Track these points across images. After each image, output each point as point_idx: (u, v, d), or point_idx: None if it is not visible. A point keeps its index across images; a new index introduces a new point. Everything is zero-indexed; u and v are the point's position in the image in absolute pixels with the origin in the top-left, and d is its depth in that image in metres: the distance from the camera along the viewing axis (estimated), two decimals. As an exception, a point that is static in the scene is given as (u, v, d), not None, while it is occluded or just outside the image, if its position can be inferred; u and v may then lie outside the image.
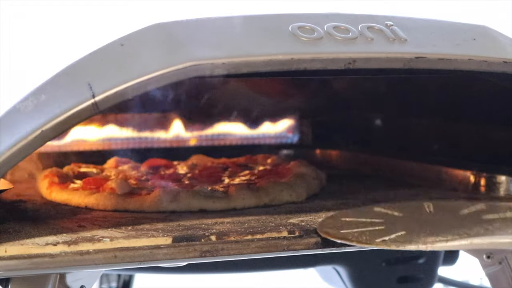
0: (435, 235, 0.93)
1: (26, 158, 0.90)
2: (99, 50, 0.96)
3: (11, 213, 1.11)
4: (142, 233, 0.98)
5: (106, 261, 0.90)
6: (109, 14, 1.66)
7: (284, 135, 1.71)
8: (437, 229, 0.96)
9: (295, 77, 1.47)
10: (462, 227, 0.95)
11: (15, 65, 1.60)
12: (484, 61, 1.03)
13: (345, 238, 0.94)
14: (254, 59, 0.94)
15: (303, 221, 1.05)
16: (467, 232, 0.93)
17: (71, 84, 0.92)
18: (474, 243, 0.91)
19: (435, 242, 0.91)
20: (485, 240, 0.92)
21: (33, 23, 1.65)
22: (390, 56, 0.99)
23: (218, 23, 0.98)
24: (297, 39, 0.97)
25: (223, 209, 1.15)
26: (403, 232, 0.95)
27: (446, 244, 0.91)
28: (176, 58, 0.92)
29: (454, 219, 1.00)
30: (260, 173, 1.33)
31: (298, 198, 1.21)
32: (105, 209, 1.15)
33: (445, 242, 0.91)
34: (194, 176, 1.31)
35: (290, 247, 0.96)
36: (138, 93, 0.90)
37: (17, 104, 0.93)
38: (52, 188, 1.22)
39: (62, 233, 0.97)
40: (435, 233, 0.94)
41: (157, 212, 1.13)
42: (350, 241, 0.94)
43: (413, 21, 1.06)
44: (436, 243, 0.91)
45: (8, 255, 0.88)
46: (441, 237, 0.92)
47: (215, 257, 0.93)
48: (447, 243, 0.91)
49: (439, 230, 0.95)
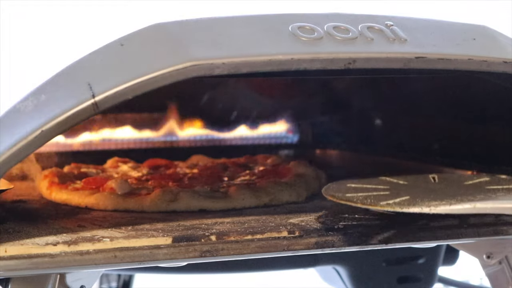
0: (439, 199, 0.94)
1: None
2: (99, 50, 0.96)
3: (11, 213, 1.11)
4: (142, 233, 0.98)
5: (106, 261, 0.90)
6: (109, 14, 1.66)
7: (284, 135, 1.71)
8: (441, 195, 0.97)
9: (295, 77, 1.47)
10: (466, 195, 0.95)
11: (15, 65, 1.60)
12: (484, 61, 1.03)
13: (350, 200, 0.95)
14: (254, 59, 0.94)
15: (303, 221, 1.05)
16: (471, 198, 0.93)
17: (71, 84, 0.92)
18: (477, 207, 0.92)
19: (438, 206, 0.92)
20: (488, 204, 0.92)
21: (33, 23, 1.65)
22: (390, 56, 0.99)
23: (218, 23, 0.98)
24: (297, 39, 0.97)
25: (223, 209, 1.15)
26: (407, 197, 0.95)
27: (449, 207, 0.91)
28: (176, 58, 0.92)
29: (458, 188, 1.01)
30: (260, 173, 1.33)
31: (298, 198, 1.21)
32: (105, 209, 1.15)
33: (448, 205, 0.92)
34: (194, 176, 1.31)
35: (290, 247, 0.96)
36: (138, 93, 0.90)
37: (17, 104, 0.93)
38: (52, 188, 1.22)
39: (62, 233, 0.97)
40: (439, 198, 0.94)
41: (157, 212, 1.13)
42: (354, 203, 0.94)
43: (413, 21, 1.06)
44: (440, 206, 0.92)
45: (8, 255, 0.88)
46: (444, 201, 0.93)
47: (215, 257, 0.93)
48: (450, 206, 0.92)
49: (443, 196, 0.96)
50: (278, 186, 1.20)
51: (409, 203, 0.93)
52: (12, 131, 0.89)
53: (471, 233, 1.02)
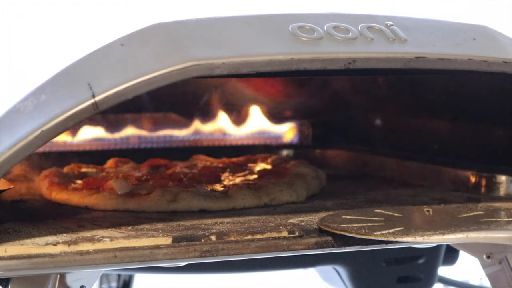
0: (432, 230, 0.95)
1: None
2: (99, 50, 0.96)
3: (11, 213, 1.11)
4: (142, 233, 0.98)
5: (106, 261, 0.90)
6: (109, 14, 1.66)
7: (284, 135, 1.71)
8: (434, 226, 0.98)
9: (295, 77, 1.47)
10: (460, 226, 0.97)
11: (15, 65, 1.60)
12: (484, 61, 1.03)
13: (345, 230, 0.95)
14: (254, 59, 0.94)
15: (303, 221, 1.05)
16: (464, 229, 0.95)
17: (71, 84, 0.92)
18: (470, 237, 0.93)
19: (431, 235, 0.93)
20: (480, 234, 0.94)
21: (33, 23, 1.65)
22: (390, 56, 0.99)
23: (218, 23, 0.98)
24: (297, 39, 0.97)
25: (223, 209, 1.15)
26: (402, 228, 0.96)
27: (442, 237, 0.93)
28: (176, 58, 0.92)
29: (452, 220, 1.02)
30: (260, 173, 1.32)
31: (298, 198, 1.21)
32: (105, 209, 1.15)
33: (441, 235, 0.93)
34: (194, 176, 1.31)
35: (290, 247, 0.96)
36: (138, 93, 0.90)
37: (17, 104, 0.93)
38: (52, 188, 1.22)
39: (62, 233, 0.97)
40: (432, 229, 0.96)
41: (157, 212, 1.13)
42: (349, 233, 0.95)
43: (413, 21, 1.06)
44: (433, 236, 0.93)
45: (8, 255, 0.88)
46: (438, 232, 0.94)
47: (215, 257, 0.93)
48: (443, 236, 0.94)
49: (436, 227, 0.97)
50: (278, 186, 1.20)
51: (403, 233, 0.94)
52: (12, 131, 0.89)
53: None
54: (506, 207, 1.12)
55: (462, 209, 1.08)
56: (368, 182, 1.40)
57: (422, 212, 1.07)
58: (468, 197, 1.23)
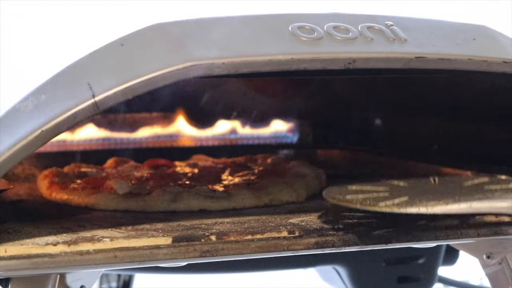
0: (436, 200, 0.96)
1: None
2: (99, 50, 0.96)
3: (11, 213, 1.11)
4: (142, 233, 0.98)
5: (106, 261, 0.90)
6: (109, 14, 1.66)
7: (284, 135, 1.71)
8: (439, 196, 0.99)
9: (295, 77, 1.47)
10: (464, 195, 0.97)
11: (15, 65, 1.60)
12: (484, 61, 1.03)
13: (349, 202, 0.96)
14: (254, 59, 0.94)
15: (303, 221, 1.05)
16: (468, 198, 0.95)
17: (71, 84, 0.92)
18: (473, 207, 0.94)
19: (435, 206, 0.94)
20: (484, 204, 0.94)
21: (33, 23, 1.65)
22: (390, 56, 0.99)
23: (218, 23, 0.98)
24: (297, 39, 0.97)
25: (223, 209, 1.15)
26: (406, 198, 0.96)
27: (446, 207, 0.94)
28: (176, 58, 0.92)
29: (457, 188, 1.03)
30: (260, 173, 1.33)
31: (298, 198, 1.21)
32: (105, 209, 1.15)
33: (445, 205, 0.93)
34: (194, 176, 1.31)
35: (290, 247, 0.96)
36: (138, 93, 0.90)
37: (17, 104, 0.93)
38: (52, 188, 1.22)
39: (62, 233, 0.97)
40: (436, 198, 0.96)
41: (157, 212, 1.13)
42: (354, 204, 0.95)
43: (413, 21, 1.06)
44: (437, 206, 0.94)
45: (8, 255, 0.88)
46: (442, 201, 0.95)
47: (215, 257, 0.93)
48: (447, 206, 0.94)
49: (441, 196, 0.98)
50: (278, 186, 1.20)
51: (407, 203, 0.94)
52: (12, 131, 0.89)
53: (471, 233, 1.03)
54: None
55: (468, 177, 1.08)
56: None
57: (428, 181, 1.07)
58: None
